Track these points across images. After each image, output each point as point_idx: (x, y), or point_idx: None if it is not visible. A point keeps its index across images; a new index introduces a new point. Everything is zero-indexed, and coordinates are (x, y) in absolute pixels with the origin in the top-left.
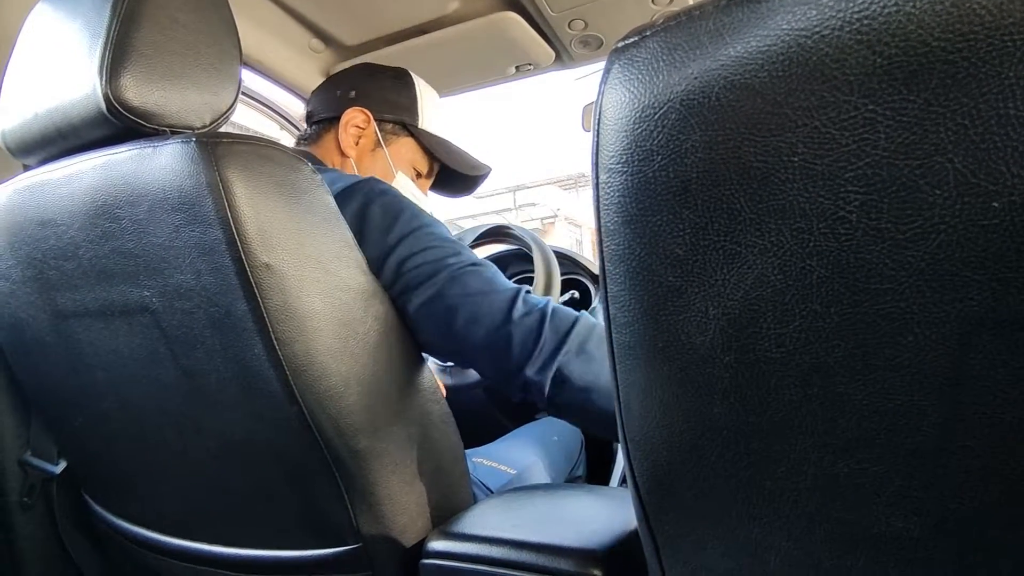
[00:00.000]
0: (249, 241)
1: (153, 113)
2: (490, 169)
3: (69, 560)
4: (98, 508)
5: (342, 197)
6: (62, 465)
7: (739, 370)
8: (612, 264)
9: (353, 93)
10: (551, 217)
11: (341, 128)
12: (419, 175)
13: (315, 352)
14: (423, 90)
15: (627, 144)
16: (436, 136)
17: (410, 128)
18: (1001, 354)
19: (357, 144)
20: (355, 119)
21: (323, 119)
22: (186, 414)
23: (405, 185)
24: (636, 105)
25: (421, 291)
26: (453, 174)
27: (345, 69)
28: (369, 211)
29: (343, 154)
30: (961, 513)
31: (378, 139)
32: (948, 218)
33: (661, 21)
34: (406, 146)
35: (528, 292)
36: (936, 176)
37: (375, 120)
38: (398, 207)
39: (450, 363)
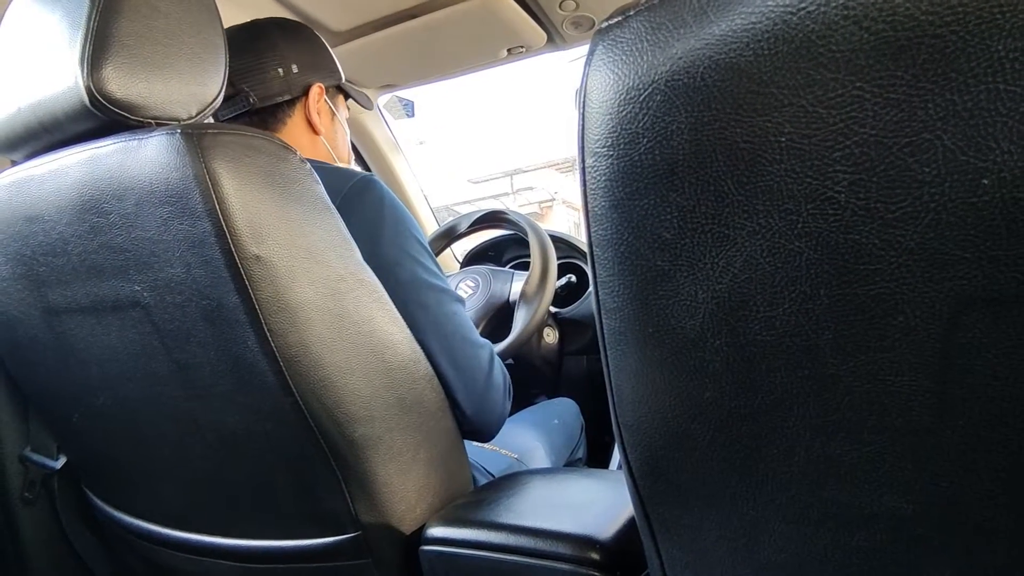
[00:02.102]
0: (238, 233)
1: (137, 105)
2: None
3: (74, 554)
4: (99, 502)
5: (354, 191)
6: (62, 460)
7: (729, 354)
8: (600, 249)
9: (295, 67)
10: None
11: (311, 107)
12: None
13: (308, 343)
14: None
15: (612, 127)
16: (351, 85)
17: (341, 86)
18: (991, 332)
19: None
20: (315, 94)
21: (281, 102)
22: (182, 407)
23: (346, 142)
24: (621, 87)
25: (413, 299)
26: None
27: (255, 41)
28: (385, 210)
29: (315, 132)
30: (953, 491)
31: (331, 108)
32: (937, 196)
33: (645, 0)
34: (343, 104)
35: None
36: (925, 154)
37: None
38: (409, 219)
39: None
